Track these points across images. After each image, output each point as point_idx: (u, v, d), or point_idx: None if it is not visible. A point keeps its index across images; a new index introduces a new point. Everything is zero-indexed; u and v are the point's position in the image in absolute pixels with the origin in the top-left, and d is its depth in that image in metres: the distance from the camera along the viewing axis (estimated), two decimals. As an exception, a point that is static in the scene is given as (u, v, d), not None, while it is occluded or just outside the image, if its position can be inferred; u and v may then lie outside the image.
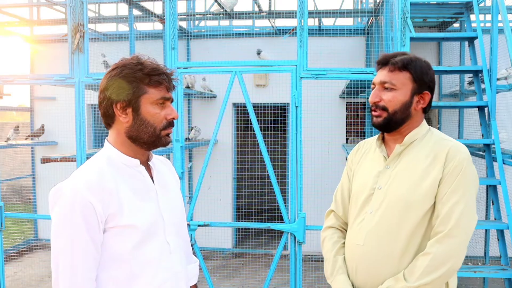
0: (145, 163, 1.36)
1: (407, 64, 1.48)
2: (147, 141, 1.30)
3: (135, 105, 1.27)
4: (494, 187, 3.36)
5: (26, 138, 5.84)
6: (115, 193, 1.21)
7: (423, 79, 1.49)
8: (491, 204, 3.50)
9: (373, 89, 1.55)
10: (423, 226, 1.44)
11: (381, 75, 1.52)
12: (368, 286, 1.48)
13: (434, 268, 1.36)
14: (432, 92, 1.53)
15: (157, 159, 1.46)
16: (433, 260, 1.37)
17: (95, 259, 1.19)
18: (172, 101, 1.34)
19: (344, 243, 1.63)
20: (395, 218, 1.45)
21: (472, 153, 4.15)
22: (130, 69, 1.26)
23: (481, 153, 3.96)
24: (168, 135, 1.33)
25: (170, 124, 1.32)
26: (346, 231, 1.66)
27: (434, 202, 1.43)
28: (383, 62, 1.53)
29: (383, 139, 1.61)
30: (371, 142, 1.66)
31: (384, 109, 1.50)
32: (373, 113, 1.54)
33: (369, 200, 1.53)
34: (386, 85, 1.50)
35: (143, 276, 1.24)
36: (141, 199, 1.28)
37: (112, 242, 1.21)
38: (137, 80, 1.26)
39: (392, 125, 1.51)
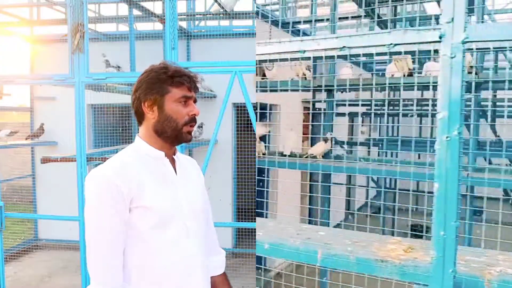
0: (170, 157, 1.49)
1: None
2: (170, 135, 1.44)
3: (160, 103, 1.43)
4: None
5: (26, 139, 5.84)
6: (137, 178, 1.38)
7: None
8: None
9: None
10: None
11: None
12: None
13: None
14: None
15: (184, 157, 1.60)
16: None
17: (122, 233, 1.36)
18: (195, 100, 1.48)
19: None
20: None
21: None
22: (155, 72, 1.43)
23: None
24: (189, 132, 1.46)
25: (192, 120, 1.45)
26: None
27: None
28: None
29: None
30: None
31: None
32: None
33: None
34: None
35: (160, 255, 1.39)
36: (161, 185, 1.43)
37: (135, 220, 1.37)
38: (161, 81, 1.42)
39: None
